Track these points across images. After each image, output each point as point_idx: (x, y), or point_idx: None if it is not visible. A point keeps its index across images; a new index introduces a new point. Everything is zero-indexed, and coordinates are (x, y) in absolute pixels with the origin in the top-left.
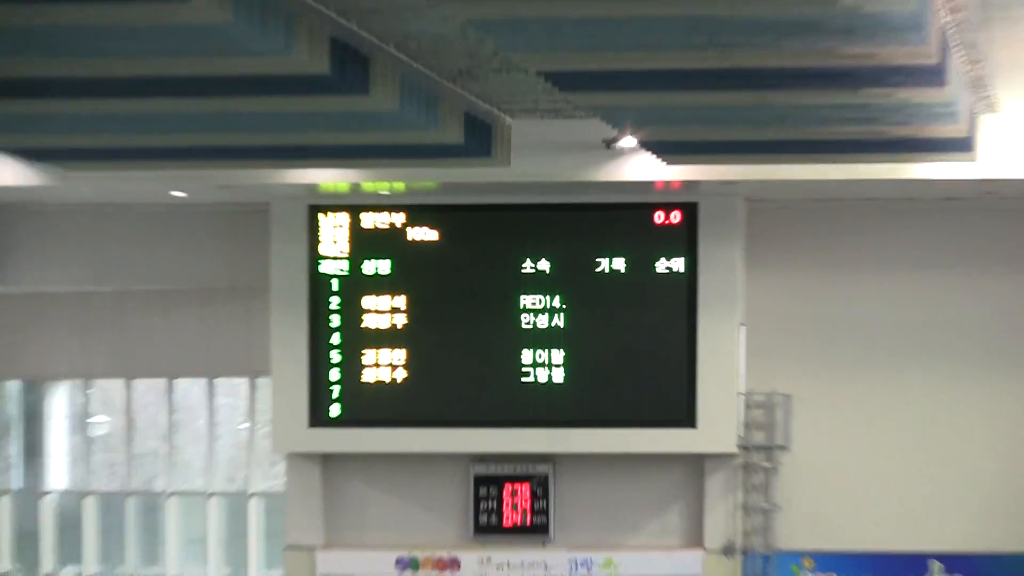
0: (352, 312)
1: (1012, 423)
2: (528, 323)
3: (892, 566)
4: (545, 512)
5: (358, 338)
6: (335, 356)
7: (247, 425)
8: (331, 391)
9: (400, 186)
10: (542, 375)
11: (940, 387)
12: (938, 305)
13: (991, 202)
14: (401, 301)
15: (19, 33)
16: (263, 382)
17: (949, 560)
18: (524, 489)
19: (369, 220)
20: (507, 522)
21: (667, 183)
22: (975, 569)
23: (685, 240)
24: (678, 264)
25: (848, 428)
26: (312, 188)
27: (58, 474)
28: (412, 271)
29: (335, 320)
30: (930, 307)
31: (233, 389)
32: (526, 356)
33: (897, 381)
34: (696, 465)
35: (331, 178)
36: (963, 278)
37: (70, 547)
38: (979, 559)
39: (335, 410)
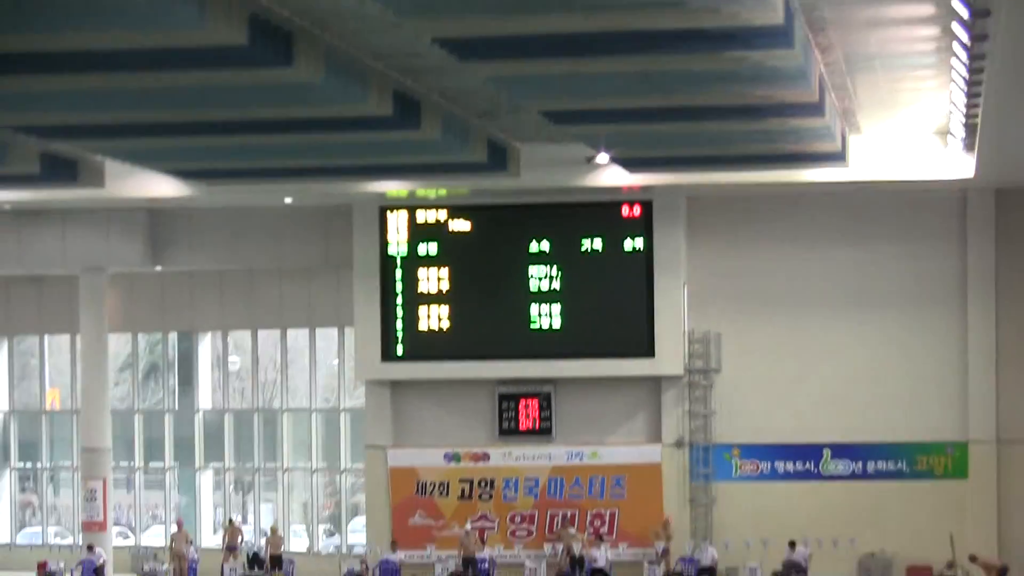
0: (410, 281)
1: (878, 349)
2: (534, 287)
3: (796, 453)
4: (549, 419)
5: (415, 299)
6: (399, 312)
7: (338, 361)
8: (396, 336)
9: (443, 192)
10: (545, 323)
11: (828, 326)
12: (826, 268)
13: (860, 195)
14: (445, 273)
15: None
16: (349, 331)
17: (836, 448)
18: (534, 403)
19: (421, 216)
20: (522, 427)
21: (630, 187)
22: (854, 454)
23: (643, 226)
24: (639, 243)
25: (763, 355)
26: (382, 195)
27: (204, 398)
28: (452, 252)
29: (398, 287)
30: (820, 270)
31: (328, 336)
32: (533, 309)
33: (798, 322)
34: (654, 384)
35: (395, 187)
36: (842, 248)
37: (213, 450)
38: (858, 447)
39: (399, 349)
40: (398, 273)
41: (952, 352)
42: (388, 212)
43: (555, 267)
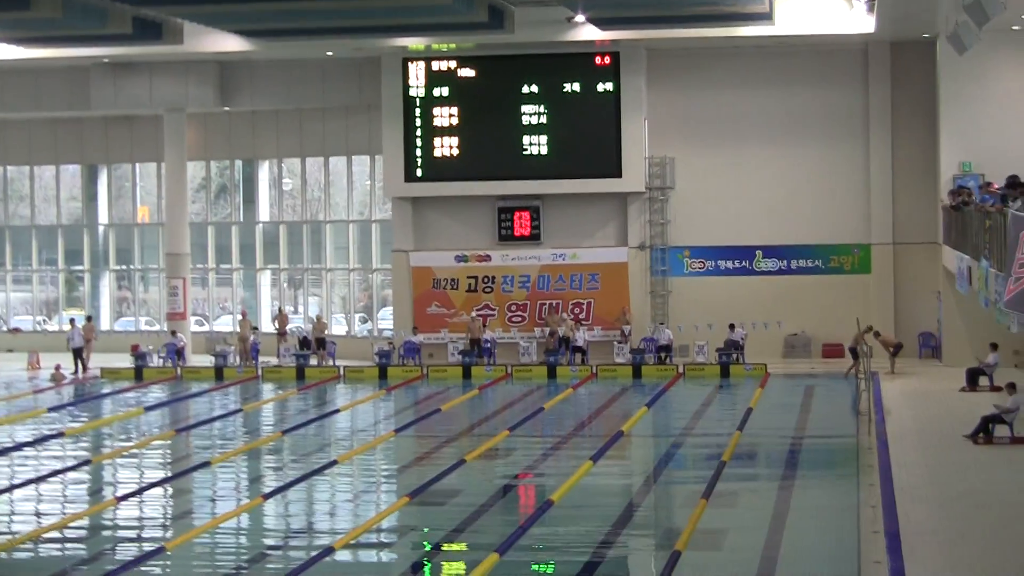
0: (427, 117)
1: (801, 171)
2: (527, 122)
3: (734, 253)
4: (539, 228)
5: (431, 131)
6: (418, 142)
7: (370, 182)
8: (417, 161)
9: (452, 46)
10: (534, 150)
11: (761, 152)
12: (758, 106)
13: (784, 47)
14: (455, 111)
15: None
16: (379, 158)
17: (766, 249)
18: (526, 215)
19: (436, 65)
20: (517, 233)
21: (602, 41)
22: (780, 254)
23: (613, 73)
24: (609, 86)
25: (709, 175)
26: (404, 48)
27: (263, 212)
28: (461, 94)
29: (418, 122)
30: (754, 107)
31: (362, 162)
32: (525, 139)
33: (736, 149)
34: (622, 199)
35: (414, 43)
36: (771, 90)
37: (270, 254)
38: (783, 248)
39: (419, 172)
40: (417, 111)
41: (858, 172)
42: (409, 62)
43: (543, 105)
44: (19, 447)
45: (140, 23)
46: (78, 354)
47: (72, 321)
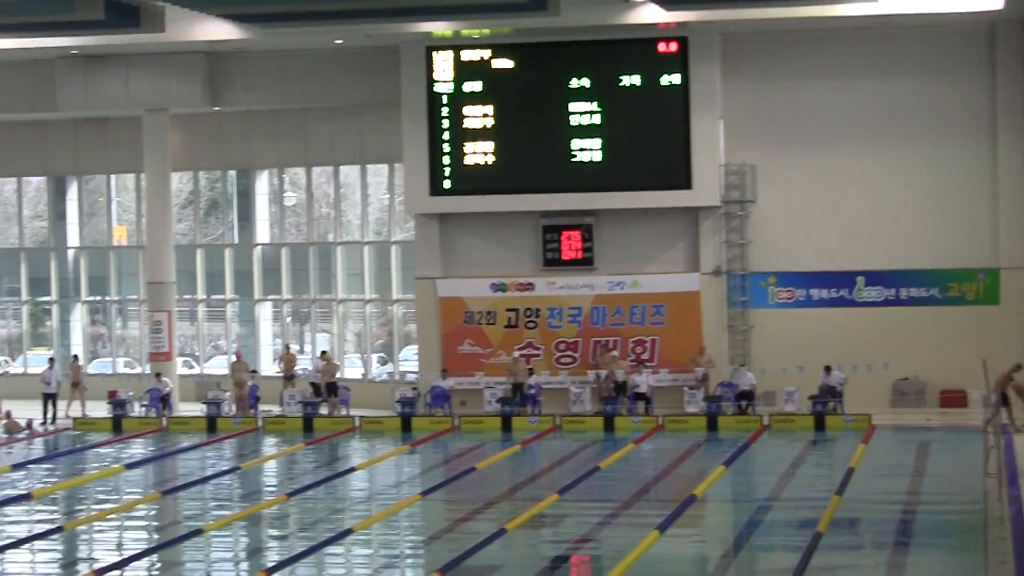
0: (456, 117)
1: (910, 179)
2: (575, 122)
3: (830, 280)
4: (591, 250)
5: (461, 135)
6: (446, 147)
7: (388, 196)
8: (444, 170)
9: (486, 32)
10: (585, 156)
11: (861, 157)
12: (857, 101)
13: (890, 28)
14: (489, 109)
15: None
16: (398, 166)
17: (870, 275)
18: (576, 234)
19: (466, 55)
20: (565, 257)
21: (666, 24)
22: (887, 281)
23: (679, 62)
24: (675, 79)
25: (798, 186)
26: (428, 35)
27: (262, 232)
28: (496, 89)
29: (445, 123)
30: (852, 103)
31: (378, 172)
32: (575, 144)
33: (831, 153)
34: (692, 215)
35: (440, 27)
36: (873, 82)
37: (271, 282)
38: (891, 274)
39: (447, 184)
40: (444, 110)
41: (982, 181)
42: (434, 52)
43: (595, 102)
44: None
45: (114, 7)
46: (51, 400)
47: (51, 361)
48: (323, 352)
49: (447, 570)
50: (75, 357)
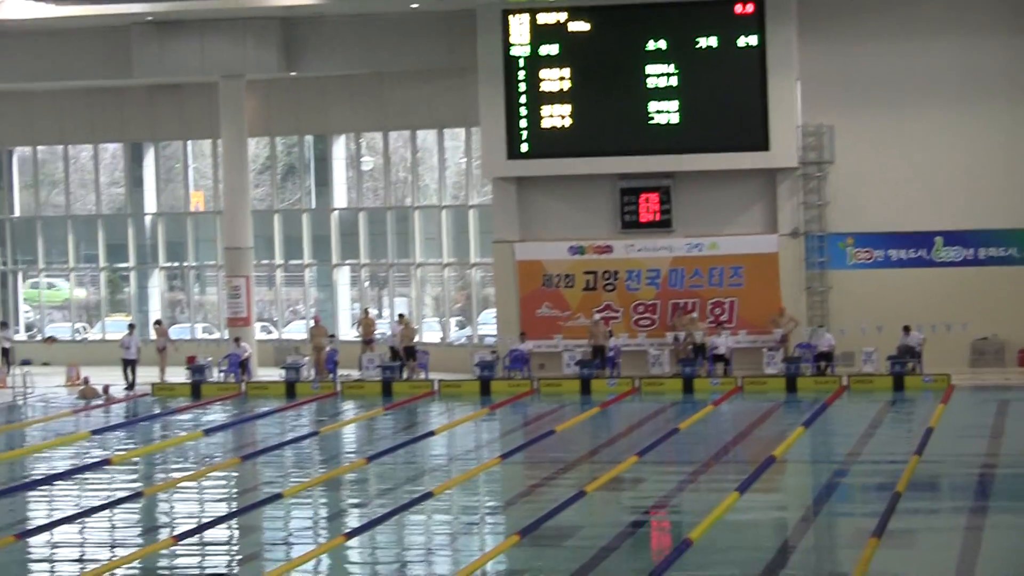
0: (533, 81)
1: (990, 137)
2: (652, 84)
3: (908, 241)
4: (669, 212)
5: (538, 98)
6: (523, 110)
7: (465, 160)
8: (521, 134)
9: None
10: (663, 118)
11: (939, 115)
12: (936, 60)
13: None
14: (566, 72)
15: None
16: (475, 130)
17: (948, 235)
18: (654, 197)
19: (543, 18)
20: (643, 219)
21: None
22: (965, 240)
23: (756, 23)
24: (752, 40)
25: (875, 146)
26: None
27: (339, 197)
28: (573, 52)
29: (522, 87)
30: (931, 61)
31: (455, 135)
32: (652, 106)
33: (909, 112)
34: (770, 176)
35: None
36: (952, 39)
37: (348, 247)
38: (969, 234)
39: (525, 147)
40: (521, 74)
41: None
42: (510, 15)
43: (672, 64)
44: (58, 477)
45: None
46: (130, 366)
47: (131, 327)
48: (400, 315)
49: (527, 533)
50: (158, 322)
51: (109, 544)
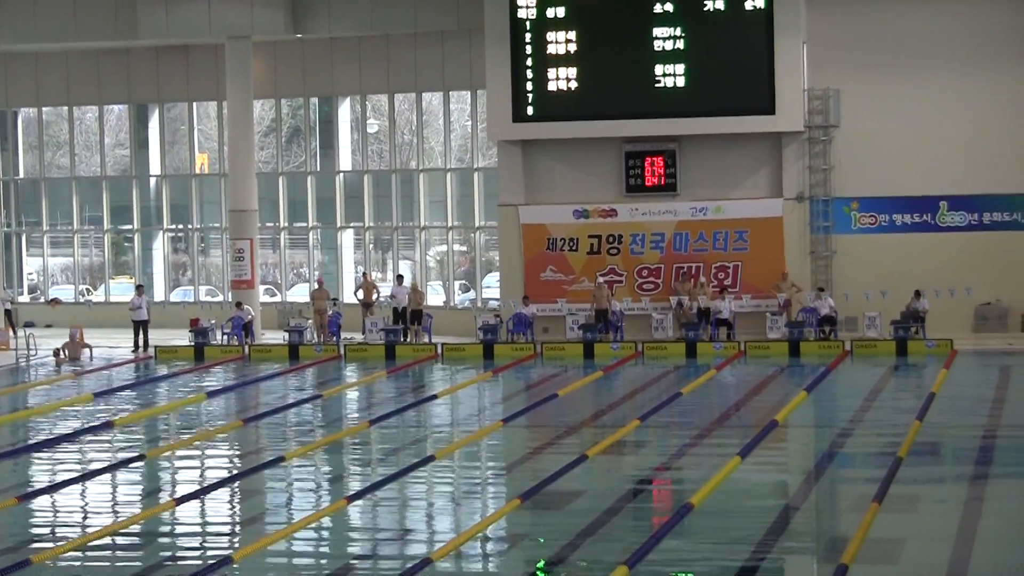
0: (539, 43)
1: (994, 103)
2: (659, 47)
3: (913, 205)
4: (674, 176)
5: (544, 61)
6: (529, 73)
7: (471, 123)
8: (527, 97)
9: None
10: (669, 82)
11: (944, 81)
12: (941, 25)
13: None
14: (573, 35)
15: None
16: (481, 93)
17: (952, 200)
18: (659, 160)
19: None
20: (648, 183)
21: None
22: (970, 205)
23: None
24: (760, 3)
25: (881, 111)
26: None
27: (344, 160)
28: (579, 15)
29: (528, 49)
30: (936, 26)
31: (461, 98)
32: (658, 69)
33: (914, 77)
34: (775, 140)
35: None
36: (957, 4)
37: (353, 210)
38: (974, 199)
39: (530, 110)
40: (527, 36)
41: None
42: None
43: (679, 27)
44: (60, 440)
45: None
46: (141, 327)
47: (139, 288)
48: (399, 276)
49: (528, 496)
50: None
51: (111, 507)
